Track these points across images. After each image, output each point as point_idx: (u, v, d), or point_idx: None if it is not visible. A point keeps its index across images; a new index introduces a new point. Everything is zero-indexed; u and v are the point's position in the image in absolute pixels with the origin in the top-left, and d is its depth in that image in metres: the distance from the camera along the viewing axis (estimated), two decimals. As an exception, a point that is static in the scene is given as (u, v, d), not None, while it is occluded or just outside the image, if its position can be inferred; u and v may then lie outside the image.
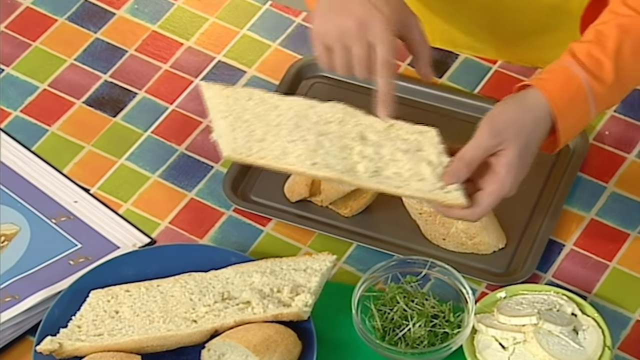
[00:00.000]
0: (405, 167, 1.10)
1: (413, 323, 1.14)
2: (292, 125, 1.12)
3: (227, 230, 1.24)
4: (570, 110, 1.11)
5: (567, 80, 1.11)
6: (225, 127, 1.12)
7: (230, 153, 1.11)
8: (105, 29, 1.39)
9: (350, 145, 1.11)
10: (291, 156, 1.10)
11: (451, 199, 1.09)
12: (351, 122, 1.13)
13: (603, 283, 1.20)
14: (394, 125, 1.13)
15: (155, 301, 1.15)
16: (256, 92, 1.14)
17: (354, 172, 1.10)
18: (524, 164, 1.11)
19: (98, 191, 1.27)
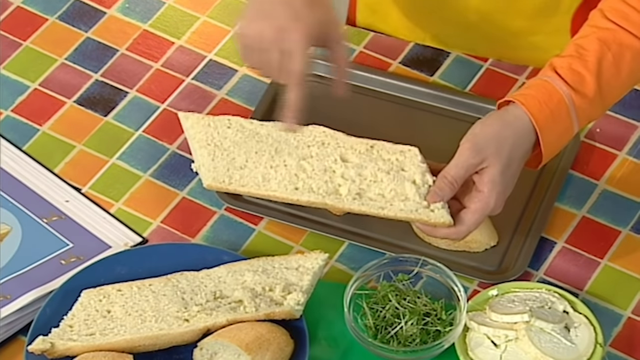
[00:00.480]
0: (387, 188, 1.11)
1: (405, 321, 1.14)
2: (272, 151, 1.13)
3: (219, 229, 1.24)
4: (552, 125, 1.12)
5: (548, 95, 1.12)
6: (206, 156, 1.14)
7: (211, 182, 1.13)
8: (96, 28, 1.39)
9: (332, 168, 1.12)
10: (273, 182, 1.12)
11: (436, 218, 1.10)
12: (332, 144, 1.13)
13: (594, 280, 1.20)
14: (375, 146, 1.14)
15: (147, 300, 1.15)
16: (235, 120, 1.16)
17: (337, 194, 1.11)
18: (508, 181, 1.11)
19: (89, 190, 1.27)
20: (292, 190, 1.11)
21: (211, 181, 1.13)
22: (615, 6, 1.13)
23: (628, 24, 1.13)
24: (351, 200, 1.11)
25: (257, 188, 1.12)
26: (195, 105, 1.34)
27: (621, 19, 1.13)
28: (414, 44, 1.38)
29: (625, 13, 1.13)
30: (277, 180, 1.12)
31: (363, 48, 1.38)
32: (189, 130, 1.16)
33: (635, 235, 1.23)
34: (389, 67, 1.36)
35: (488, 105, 1.31)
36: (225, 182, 1.12)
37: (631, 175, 1.27)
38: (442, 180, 1.11)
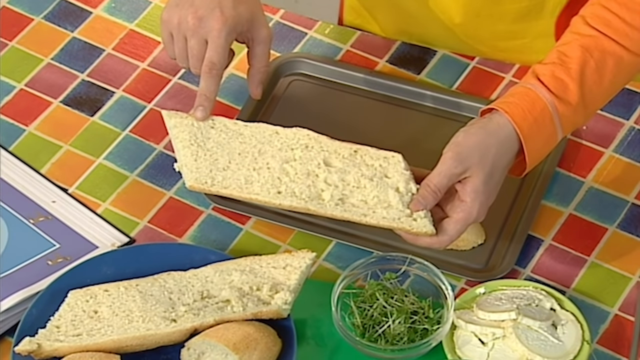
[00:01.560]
0: (370, 195, 1.10)
1: (393, 320, 1.14)
2: (255, 153, 1.12)
3: (206, 229, 1.24)
4: (536, 133, 1.12)
5: (531, 103, 1.11)
6: (188, 156, 1.13)
7: (193, 183, 1.12)
8: (82, 28, 1.39)
9: (315, 172, 1.11)
10: (255, 185, 1.11)
11: (418, 227, 1.10)
12: (315, 147, 1.13)
13: (581, 278, 1.20)
14: (359, 151, 1.13)
15: (134, 301, 1.15)
16: (218, 120, 1.15)
17: (320, 200, 1.10)
18: (491, 190, 1.11)
19: (76, 191, 1.27)
20: (274, 194, 1.11)
21: (193, 182, 1.12)
22: (597, 13, 1.13)
23: (610, 31, 1.13)
24: (334, 206, 1.10)
25: (239, 190, 1.11)
26: (182, 105, 1.33)
27: (603, 26, 1.13)
28: (400, 42, 1.38)
29: (607, 20, 1.13)
30: (260, 183, 1.11)
31: (350, 47, 1.38)
32: (172, 130, 1.15)
33: (621, 233, 1.23)
34: (376, 66, 1.36)
35: (475, 103, 1.31)
36: (207, 184, 1.12)
37: (618, 172, 1.27)
38: (425, 188, 1.11)
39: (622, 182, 1.26)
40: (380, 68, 1.36)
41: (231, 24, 1.14)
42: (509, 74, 1.35)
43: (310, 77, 1.34)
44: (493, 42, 1.35)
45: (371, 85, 1.33)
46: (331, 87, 1.33)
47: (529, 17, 1.32)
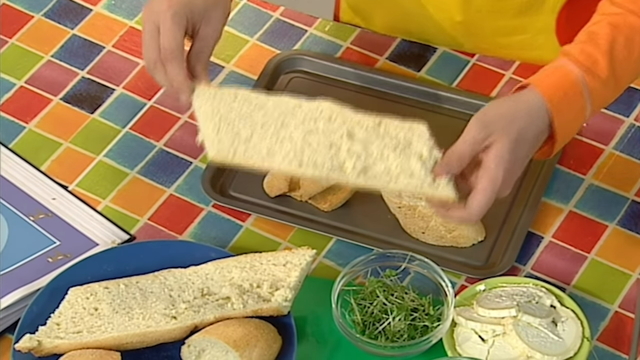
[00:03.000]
0: (394, 164, 1.09)
1: (393, 317, 1.14)
2: (278, 125, 1.11)
3: (207, 226, 1.24)
4: (566, 107, 1.11)
5: (562, 77, 1.11)
6: (211, 128, 1.11)
7: (216, 155, 1.10)
8: (82, 25, 1.39)
9: (337, 143, 1.10)
10: (278, 156, 1.09)
11: (441, 193, 1.08)
12: (338, 119, 1.11)
13: (582, 275, 1.20)
14: (383, 122, 1.12)
15: (135, 298, 1.15)
16: (241, 92, 1.13)
17: (342, 170, 1.09)
18: (517, 160, 1.09)
19: (76, 188, 1.27)
20: (296, 165, 1.08)
21: (216, 153, 1.09)
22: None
23: (637, 7, 1.13)
24: (356, 176, 1.08)
25: (261, 161, 1.09)
26: (182, 102, 1.33)
27: (629, 3, 1.13)
28: (400, 39, 1.38)
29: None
30: (282, 155, 1.09)
31: (350, 44, 1.37)
32: (195, 101, 1.13)
33: (622, 230, 1.23)
34: (376, 63, 1.36)
35: (475, 100, 1.31)
36: (229, 155, 1.09)
37: (618, 169, 1.27)
38: (448, 155, 1.09)
39: (622, 179, 1.26)
40: (380, 65, 1.36)
41: (176, 5, 1.11)
42: (509, 71, 1.35)
43: (310, 74, 1.34)
44: (494, 38, 1.35)
45: (371, 83, 1.33)
46: (331, 84, 1.33)
47: (530, 12, 1.32)
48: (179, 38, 1.13)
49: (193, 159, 1.29)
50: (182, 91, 1.13)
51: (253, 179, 1.26)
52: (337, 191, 1.24)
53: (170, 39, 1.12)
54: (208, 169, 1.27)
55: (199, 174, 1.27)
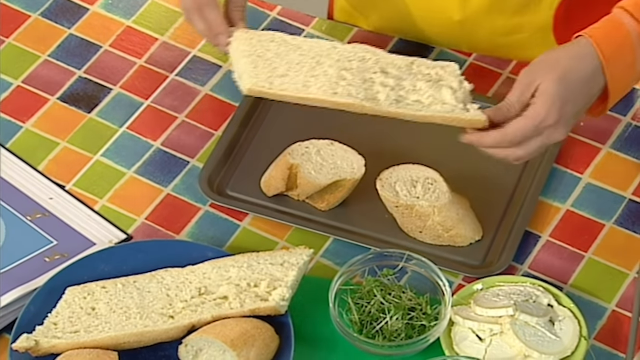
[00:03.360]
0: (425, 94, 1.12)
1: (390, 316, 1.14)
2: (313, 63, 1.15)
3: (204, 226, 1.24)
4: (618, 57, 1.12)
5: (614, 28, 1.12)
6: (247, 64, 1.15)
7: (252, 87, 1.13)
8: (79, 25, 1.38)
9: (371, 78, 1.14)
10: (312, 87, 1.13)
11: (471, 116, 1.11)
12: (372, 59, 1.15)
13: (579, 274, 1.20)
14: (415, 62, 1.16)
15: (132, 297, 1.15)
16: (278, 35, 1.18)
17: (375, 99, 1.12)
18: (566, 99, 1.10)
19: (73, 187, 1.27)
20: (331, 94, 1.12)
21: (252, 85, 1.13)
22: None
23: None
24: (388, 104, 1.11)
25: (296, 92, 1.12)
26: (179, 102, 1.33)
27: None
28: (397, 39, 1.38)
29: None
30: (317, 86, 1.13)
31: (347, 43, 1.37)
32: (233, 43, 1.17)
33: (619, 229, 1.23)
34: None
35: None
36: (265, 87, 1.13)
37: (615, 168, 1.27)
38: (500, 105, 1.12)
39: (619, 178, 1.26)
40: (377, 64, 1.36)
41: None
42: (507, 70, 1.35)
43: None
44: (492, 38, 1.35)
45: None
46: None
47: (528, 10, 1.32)
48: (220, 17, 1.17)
49: (190, 158, 1.29)
50: (220, 34, 1.18)
51: (250, 179, 1.26)
52: (334, 190, 1.24)
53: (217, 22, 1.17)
54: (205, 168, 1.27)
55: (196, 174, 1.27)
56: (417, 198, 1.19)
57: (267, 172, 1.26)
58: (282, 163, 1.24)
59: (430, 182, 1.21)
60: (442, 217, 1.20)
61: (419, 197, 1.19)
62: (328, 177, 1.22)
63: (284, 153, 1.25)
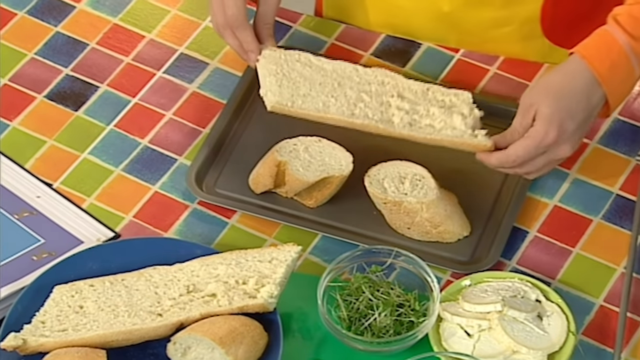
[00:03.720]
0: (437, 119, 1.20)
1: (379, 312, 1.14)
2: (335, 84, 1.23)
3: (192, 223, 1.24)
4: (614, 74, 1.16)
5: (608, 47, 1.16)
6: (274, 82, 1.23)
7: (275, 104, 1.22)
8: (65, 23, 1.38)
9: (388, 102, 1.22)
10: (332, 108, 1.21)
11: (478, 142, 1.18)
12: (391, 83, 1.24)
13: (567, 269, 1.20)
14: (431, 88, 1.23)
15: (120, 295, 1.15)
16: (304, 55, 1.26)
17: (390, 122, 1.20)
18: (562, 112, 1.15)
19: (61, 186, 1.26)
20: (349, 114, 1.20)
21: (275, 103, 1.21)
22: None
23: None
24: (402, 127, 1.19)
25: (316, 111, 1.21)
26: (166, 99, 1.33)
27: None
28: (385, 35, 1.37)
29: None
30: (336, 107, 1.21)
31: (335, 40, 1.37)
32: (262, 60, 1.25)
33: (606, 224, 1.23)
34: (361, 59, 1.36)
35: (460, 95, 1.31)
36: (288, 105, 1.21)
37: (602, 164, 1.27)
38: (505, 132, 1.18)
39: (607, 174, 1.26)
40: (364, 61, 1.35)
41: None
42: (494, 66, 1.35)
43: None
44: (480, 30, 1.35)
45: (356, 78, 1.33)
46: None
47: (516, 2, 1.32)
48: (241, 5, 1.24)
49: (178, 156, 1.29)
50: (251, 52, 1.25)
51: (238, 176, 1.26)
52: (323, 187, 1.24)
53: (232, 7, 1.23)
54: (193, 165, 1.27)
55: (184, 171, 1.27)
56: (405, 194, 1.19)
57: (254, 170, 1.26)
58: (270, 160, 1.24)
59: (419, 178, 1.21)
60: (431, 214, 1.20)
61: (407, 194, 1.19)
62: (316, 174, 1.22)
63: (272, 150, 1.25)
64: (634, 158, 1.28)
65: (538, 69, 1.34)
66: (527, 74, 1.33)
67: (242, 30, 1.24)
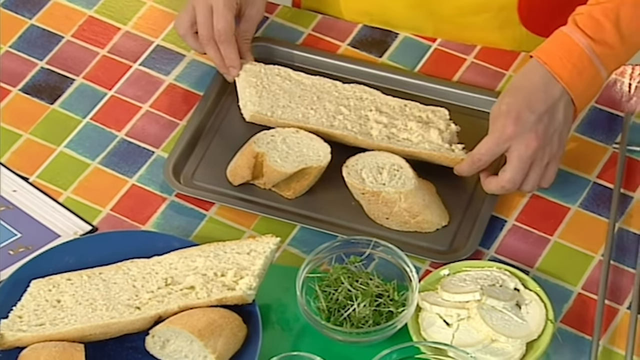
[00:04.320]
0: (415, 134, 1.22)
1: (358, 303, 1.13)
2: (314, 98, 1.25)
3: (170, 216, 1.23)
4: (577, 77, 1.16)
5: (568, 51, 1.16)
6: (254, 94, 1.25)
7: (255, 114, 1.24)
8: (40, 15, 1.37)
9: (367, 115, 1.24)
10: (311, 119, 1.24)
11: (455, 156, 1.21)
12: (369, 99, 1.26)
13: (545, 257, 1.20)
14: (408, 105, 1.26)
15: (98, 289, 1.14)
16: (283, 69, 1.28)
17: (369, 134, 1.22)
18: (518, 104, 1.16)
19: (37, 180, 1.25)
20: (328, 126, 1.23)
21: (255, 113, 1.24)
22: None
23: None
24: (380, 140, 1.21)
25: (296, 122, 1.23)
26: (143, 92, 1.32)
27: None
28: (362, 25, 1.37)
29: None
30: (316, 118, 1.24)
31: (311, 30, 1.37)
32: (242, 74, 1.27)
33: (584, 212, 1.23)
34: (338, 49, 1.35)
35: (437, 85, 1.31)
36: (267, 115, 1.23)
37: (579, 152, 1.27)
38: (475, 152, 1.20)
39: (584, 162, 1.26)
40: (342, 51, 1.35)
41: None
42: (471, 56, 1.35)
43: (272, 62, 1.33)
44: (457, 18, 1.35)
45: (333, 69, 1.33)
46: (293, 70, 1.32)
47: None
48: (231, 21, 1.25)
49: (155, 148, 1.28)
50: (233, 68, 1.27)
51: (216, 168, 1.26)
52: (301, 178, 1.23)
53: (223, 22, 1.25)
54: (170, 158, 1.26)
55: (161, 164, 1.26)
56: (384, 184, 1.19)
57: (232, 161, 1.25)
58: (248, 152, 1.24)
59: (397, 168, 1.21)
60: (409, 204, 1.20)
61: (385, 184, 1.19)
62: (294, 165, 1.22)
63: (250, 142, 1.24)
64: (611, 146, 1.28)
65: (515, 58, 1.34)
66: (504, 63, 1.33)
67: (227, 45, 1.25)
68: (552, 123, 1.17)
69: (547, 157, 1.18)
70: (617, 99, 1.31)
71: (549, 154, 1.18)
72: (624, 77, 1.32)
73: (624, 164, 1.25)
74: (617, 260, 1.20)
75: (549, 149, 1.17)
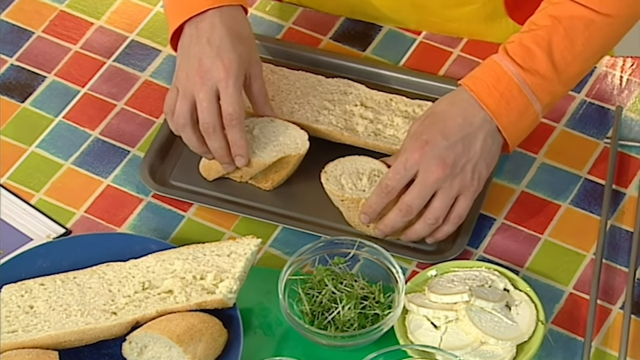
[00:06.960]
0: (401, 130, 1.20)
1: (342, 306, 1.11)
2: (299, 92, 1.23)
3: (146, 217, 1.20)
4: (505, 106, 1.12)
5: (496, 78, 1.13)
6: None
7: None
8: (9, 10, 1.34)
9: (352, 111, 1.22)
10: (296, 114, 1.22)
11: None
12: (354, 93, 1.24)
13: (535, 257, 1.18)
14: (394, 99, 1.23)
15: (72, 294, 1.12)
16: (266, 65, 1.25)
17: (354, 131, 1.21)
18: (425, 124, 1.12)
19: (8, 181, 1.23)
20: (313, 121, 1.21)
21: None
22: None
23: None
24: (367, 136, 1.19)
25: (281, 116, 1.21)
26: (117, 89, 1.30)
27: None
28: (344, 18, 1.35)
29: None
30: (300, 113, 1.22)
31: (292, 24, 1.34)
32: None
33: (575, 209, 1.21)
34: (320, 43, 1.33)
35: (422, 79, 1.29)
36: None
37: (570, 147, 1.25)
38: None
39: (575, 157, 1.24)
40: (324, 45, 1.33)
41: (235, 69, 1.15)
42: (457, 49, 1.32)
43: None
44: (441, 9, 1.32)
45: (315, 64, 1.30)
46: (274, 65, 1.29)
47: None
48: (242, 103, 1.16)
49: (131, 147, 1.26)
50: (241, 156, 1.17)
51: (193, 167, 1.23)
52: (280, 168, 1.21)
53: (235, 105, 1.15)
54: (146, 157, 1.24)
55: (137, 164, 1.24)
56: (363, 191, 1.16)
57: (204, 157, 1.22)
58: (225, 146, 1.21)
59: (377, 174, 1.18)
60: (392, 208, 1.17)
61: (365, 190, 1.16)
62: (272, 154, 1.19)
63: (225, 135, 1.21)
64: (602, 141, 1.26)
65: (502, 51, 1.31)
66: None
67: (237, 130, 1.15)
68: (466, 153, 1.12)
69: (457, 189, 1.12)
70: (608, 92, 1.28)
71: (458, 186, 1.12)
72: (615, 69, 1.30)
73: (615, 160, 1.23)
74: (609, 259, 1.17)
75: (459, 180, 1.12)
